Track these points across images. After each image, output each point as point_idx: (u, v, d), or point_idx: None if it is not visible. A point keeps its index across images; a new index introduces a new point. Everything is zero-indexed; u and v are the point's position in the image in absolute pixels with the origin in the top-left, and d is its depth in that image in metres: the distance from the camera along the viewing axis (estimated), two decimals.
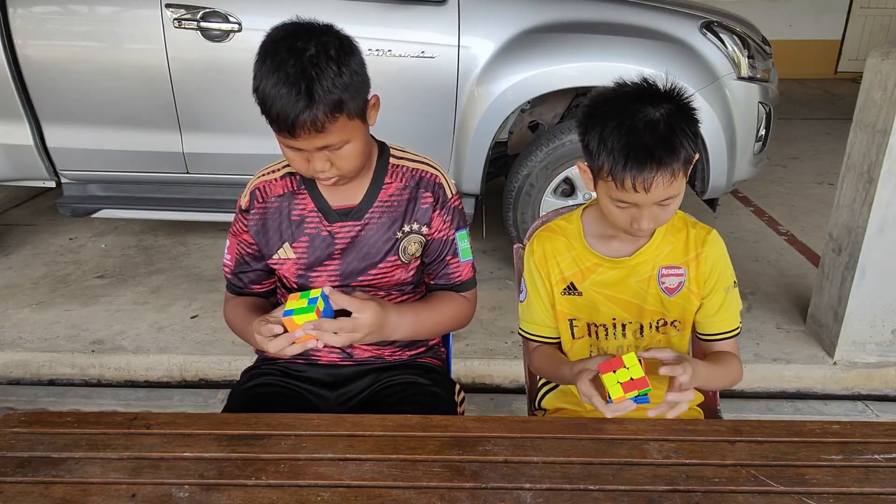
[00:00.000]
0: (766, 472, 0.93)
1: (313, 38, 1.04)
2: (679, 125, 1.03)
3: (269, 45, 1.06)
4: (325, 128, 1.05)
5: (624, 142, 1.02)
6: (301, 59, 1.02)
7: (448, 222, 1.28)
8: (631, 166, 1.01)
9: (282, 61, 1.02)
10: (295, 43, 1.03)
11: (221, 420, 1.07)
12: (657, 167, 1.01)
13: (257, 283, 1.35)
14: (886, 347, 2.43)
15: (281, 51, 1.03)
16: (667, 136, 1.02)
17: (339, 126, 1.07)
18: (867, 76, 2.21)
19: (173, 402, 2.40)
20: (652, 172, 1.01)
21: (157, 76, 2.69)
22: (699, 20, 2.70)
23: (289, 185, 1.26)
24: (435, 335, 1.37)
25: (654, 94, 1.05)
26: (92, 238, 3.53)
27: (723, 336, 1.24)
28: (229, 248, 1.34)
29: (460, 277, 1.32)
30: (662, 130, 1.02)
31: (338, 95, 1.04)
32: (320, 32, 1.06)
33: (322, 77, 1.02)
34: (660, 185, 1.03)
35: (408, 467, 0.94)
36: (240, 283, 1.35)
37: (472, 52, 2.64)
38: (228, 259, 1.34)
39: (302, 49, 1.03)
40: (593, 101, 1.09)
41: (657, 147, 1.01)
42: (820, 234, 3.11)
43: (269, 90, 1.03)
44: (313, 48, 1.03)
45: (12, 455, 0.97)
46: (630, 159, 1.01)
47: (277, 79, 1.02)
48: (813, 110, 6.68)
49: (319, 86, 1.02)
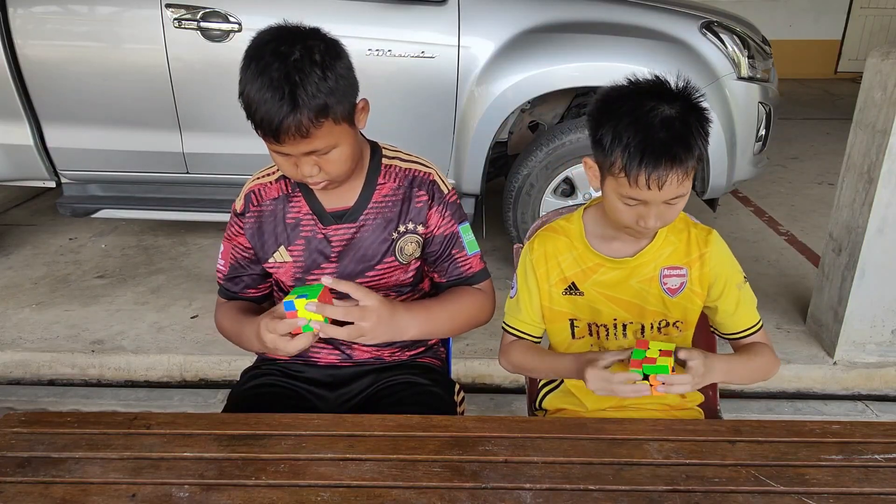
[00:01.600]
0: (766, 472, 0.93)
1: (298, 42, 1.03)
2: (693, 123, 1.03)
3: (254, 49, 1.05)
4: (311, 133, 1.04)
5: (640, 138, 1.01)
6: (285, 64, 1.01)
7: (448, 217, 1.27)
8: (647, 163, 1.01)
9: (266, 65, 1.01)
10: (279, 47, 1.02)
11: (221, 420, 1.07)
12: (672, 164, 1.01)
13: (252, 288, 1.34)
14: (886, 347, 2.43)
15: (265, 55, 1.02)
16: (682, 134, 1.02)
17: (325, 131, 1.06)
18: (867, 76, 2.21)
19: (173, 402, 2.40)
20: (667, 170, 1.01)
21: (157, 76, 2.69)
22: (699, 20, 2.70)
23: (283, 188, 1.25)
24: (456, 331, 1.31)
25: (668, 91, 1.05)
26: (92, 238, 3.53)
27: (748, 332, 1.24)
28: (223, 252, 1.33)
29: (471, 269, 1.30)
30: (678, 127, 1.02)
31: (322, 100, 1.03)
32: (306, 36, 1.05)
33: (306, 82, 1.01)
34: (673, 183, 1.03)
35: (408, 467, 0.94)
36: (234, 287, 1.34)
37: (472, 52, 2.64)
38: (222, 264, 1.33)
39: (286, 53, 1.02)
40: (606, 96, 1.09)
41: (673, 144, 1.01)
42: (820, 234, 3.11)
43: (253, 95, 1.02)
44: (298, 52, 1.02)
45: (12, 455, 0.97)
46: (646, 155, 1.01)
47: (261, 83, 1.01)
48: (813, 110, 6.67)
49: (304, 90, 1.01)
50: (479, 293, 1.31)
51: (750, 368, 1.20)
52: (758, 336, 1.25)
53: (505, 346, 1.32)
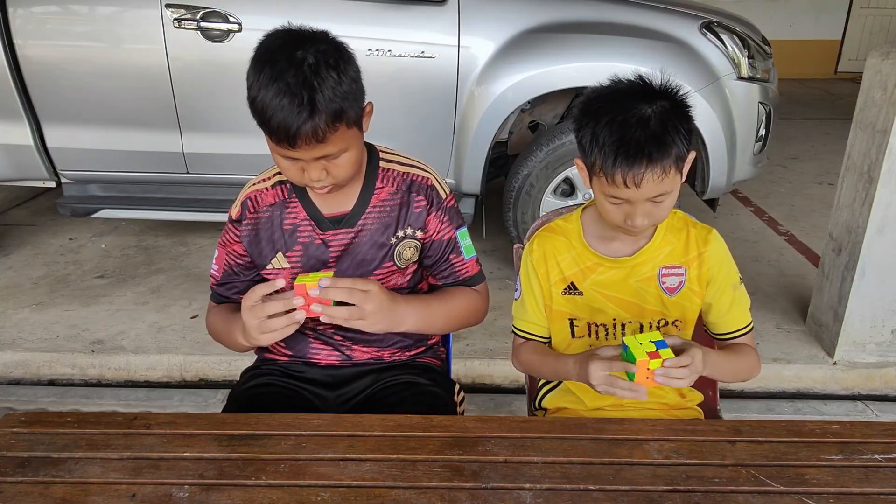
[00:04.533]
0: (766, 472, 0.93)
1: (310, 45, 1.03)
2: (671, 122, 1.03)
3: (265, 53, 1.04)
4: (326, 138, 1.04)
5: (615, 137, 1.02)
6: (301, 69, 1.00)
7: (446, 222, 1.27)
8: (621, 162, 1.02)
9: (281, 70, 1.00)
10: (294, 51, 1.01)
11: (221, 420, 1.07)
12: (647, 163, 1.02)
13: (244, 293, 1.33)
14: (886, 347, 2.43)
15: (279, 60, 1.01)
16: (658, 133, 1.02)
17: (339, 136, 1.06)
18: (867, 76, 2.21)
19: (173, 402, 2.40)
20: (641, 168, 1.02)
21: (157, 76, 2.69)
22: (699, 20, 2.70)
23: (280, 193, 1.25)
24: (450, 328, 1.34)
25: (648, 90, 1.06)
26: (92, 238, 3.53)
27: (739, 333, 1.24)
28: (217, 258, 1.32)
29: (467, 273, 1.32)
30: (654, 126, 1.02)
31: (339, 105, 1.03)
32: (317, 40, 1.05)
33: (323, 86, 1.01)
34: (650, 181, 1.03)
35: (408, 467, 0.94)
36: (226, 292, 1.33)
37: (472, 52, 2.64)
38: (216, 270, 1.32)
39: (301, 58, 1.01)
40: (588, 98, 1.10)
41: (647, 143, 1.01)
42: (820, 234, 3.11)
43: (270, 101, 1.01)
44: (312, 57, 1.01)
45: (12, 455, 0.97)
46: (620, 154, 1.02)
47: (278, 89, 1.00)
48: (813, 110, 6.67)
49: (321, 95, 1.00)
50: (475, 294, 1.33)
51: (737, 367, 1.21)
52: (745, 339, 1.25)
53: (516, 347, 1.34)
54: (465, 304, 1.30)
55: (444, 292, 1.30)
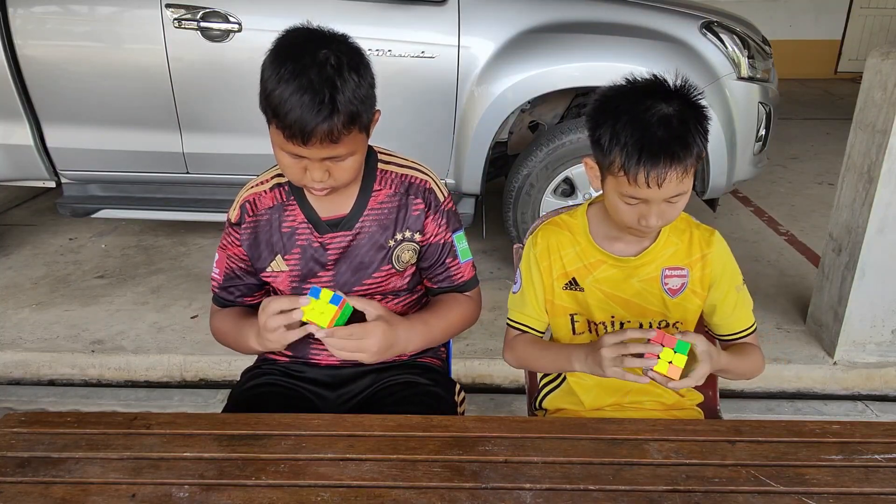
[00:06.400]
0: (766, 472, 0.93)
1: (332, 46, 1.02)
2: (692, 121, 1.03)
3: (286, 49, 1.03)
4: (340, 139, 1.03)
5: (638, 136, 1.02)
6: (325, 68, 1.00)
7: (444, 226, 1.27)
8: (645, 161, 1.02)
9: (305, 67, 0.99)
10: (316, 50, 1.01)
11: (221, 420, 1.07)
12: (671, 162, 1.02)
13: (248, 297, 1.33)
14: (886, 347, 2.43)
15: (302, 56, 1.00)
16: (680, 132, 1.02)
17: (351, 138, 1.06)
18: (867, 76, 2.21)
19: (173, 402, 2.40)
20: (665, 168, 1.02)
21: (157, 76, 2.69)
22: (699, 20, 2.70)
23: (278, 196, 1.24)
24: (447, 339, 1.36)
25: (665, 90, 1.06)
26: (92, 238, 3.53)
27: (743, 333, 1.25)
28: (218, 262, 1.31)
29: (462, 278, 1.32)
30: (676, 126, 1.02)
31: (356, 107, 1.03)
32: (339, 41, 1.05)
33: (345, 87, 1.01)
34: (672, 181, 1.03)
35: (408, 467, 0.94)
36: (229, 296, 1.32)
37: (472, 52, 2.64)
38: (217, 273, 1.32)
39: (325, 57, 1.00)
40: (604, 96, 1.09)
41: (671, 142, 1.01)
42: (820, 234, 3.11)
43: (289, 96, 0.99)
44: (335, 57, 1.01)
45: (12, 455, 0.97)
46: (644, 154, 1.01)
47: (299, 85, 0.99)
48: (813, 110, 6.68)
49: (342, 96, 1.00)
50: (469, 301, 1.34)
51: (743, 366, 1.22)
52: (750, 338, 1.26)
53: (509, 340, 1.32)
54: (460, 314, 1.31)
55: (442, 306, 1.30)
